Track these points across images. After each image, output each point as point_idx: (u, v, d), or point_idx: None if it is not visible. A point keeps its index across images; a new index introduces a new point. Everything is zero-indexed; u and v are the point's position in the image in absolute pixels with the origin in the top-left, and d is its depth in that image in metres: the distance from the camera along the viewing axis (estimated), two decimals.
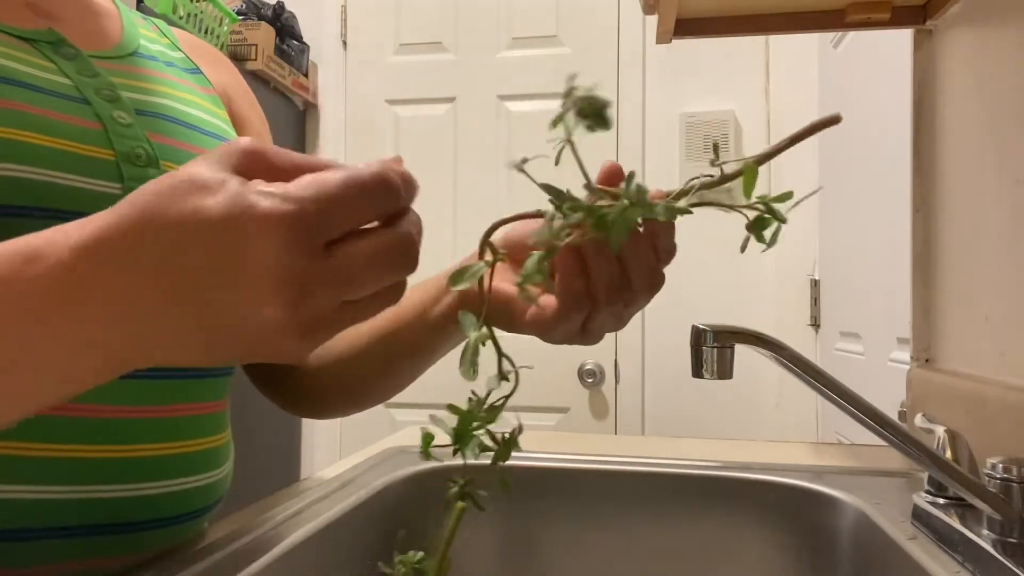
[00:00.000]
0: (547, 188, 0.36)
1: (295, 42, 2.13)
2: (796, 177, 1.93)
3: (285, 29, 2.08)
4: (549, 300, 0.48)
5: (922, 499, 0.58)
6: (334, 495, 0.67)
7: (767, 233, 0.36)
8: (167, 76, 0.61)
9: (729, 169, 0.39)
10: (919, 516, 0.58)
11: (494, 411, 0.35)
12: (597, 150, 2.12)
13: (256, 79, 1.93)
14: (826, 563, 0.68)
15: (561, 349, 2.05)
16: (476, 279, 0.37)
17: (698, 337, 0.51)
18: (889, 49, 1.24)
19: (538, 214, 0.38)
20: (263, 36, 1.94)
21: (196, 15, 1.72)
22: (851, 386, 0.50)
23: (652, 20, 0.85)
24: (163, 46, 0.64)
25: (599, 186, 0.39)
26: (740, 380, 1.79)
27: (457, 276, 0.37)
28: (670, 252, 0.46)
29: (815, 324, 1.88)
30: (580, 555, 0.76)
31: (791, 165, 1.94)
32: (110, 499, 0.49)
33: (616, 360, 2.06)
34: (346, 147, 2.27)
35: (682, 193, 0.40)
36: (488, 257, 0.38)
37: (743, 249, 0.37)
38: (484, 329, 0.36)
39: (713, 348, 0.50)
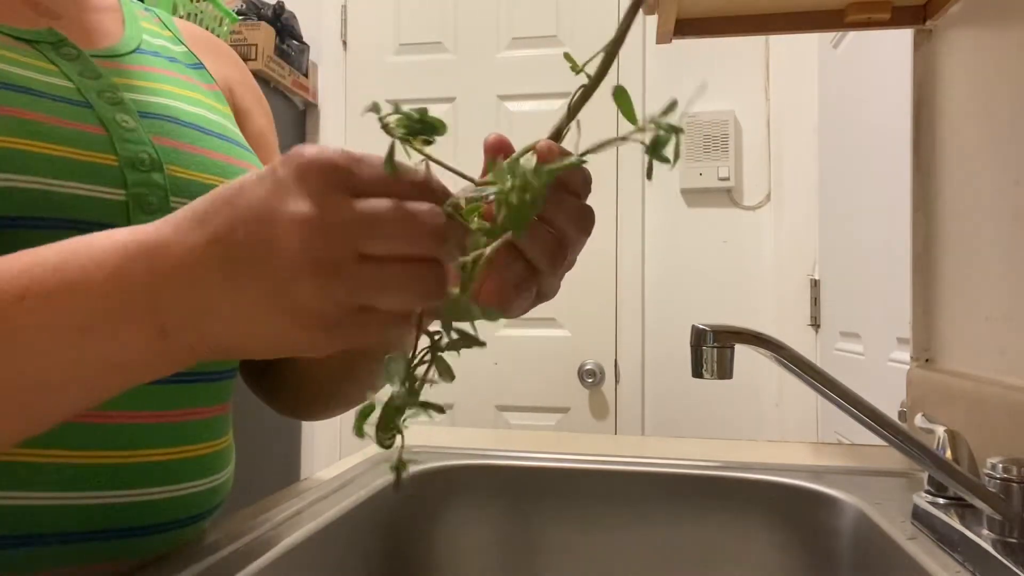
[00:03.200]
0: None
1: (295, 42, 2.13)
2: (796, 177, 1.93)
3: (285, 29, 2.08)
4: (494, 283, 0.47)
5: (922, 499, 0.58)
6: (334, 495, 0.67)
7: (668, 151, 0.36)
8: (170, 73, 0.60)
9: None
10: (919, 516, 0.58)
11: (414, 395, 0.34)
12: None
13: (256, 79, 1.93)
14: (826, 563, 0.68)
15: (561, 350, 2.06)
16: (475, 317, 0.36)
17: (698, 337, 0.51)
18: (889, 49, 1.24)
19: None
20: (263, 36, 1.94)
21: (196, 15, 1.72)
22: (851, 386, 0.50)
23: (652, 20, 0.85)
24: (165, 40, 0.63)
25: (481, 181, 0.39)
26: (740, 380, 1.79)
27: (449, 310, 0.35)
28: (587, 182, 0.43)
29: (815, 324, 1.88)
30: (580, 555, 0.76)
31: (791, 165, 1.94)
32: (113, 504, 0.49)
33: (616, 360, 2.06)
34: (346, 147, 2.27)
35: (557, 132, 0.41)
36: None
37: (649, 175, 0.37)
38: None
39: (713, 348, 0.50)
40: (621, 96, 0.39)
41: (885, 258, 1.27)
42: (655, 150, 0.36)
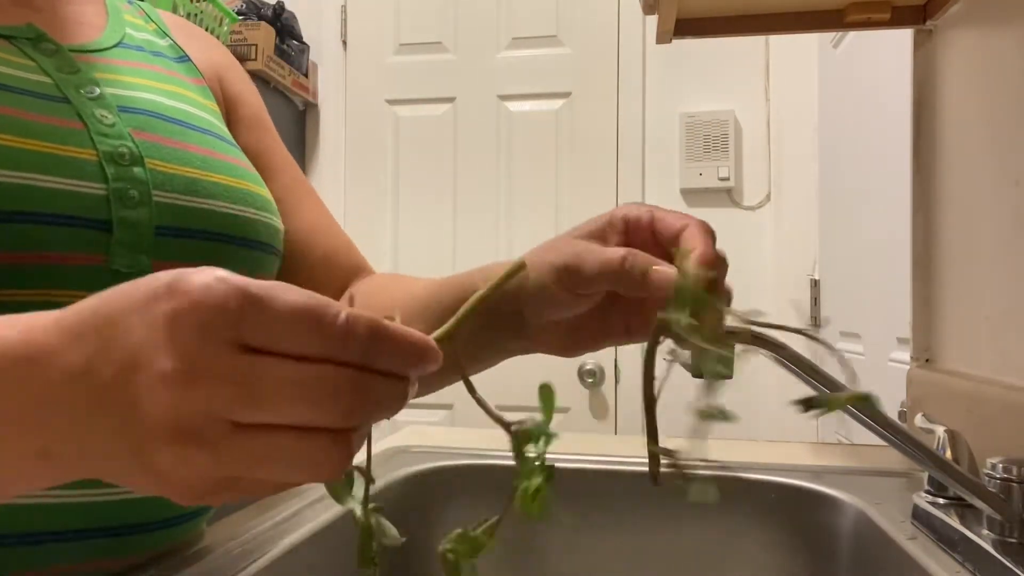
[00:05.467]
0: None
1: (295, 42, 2.13)
2: (796, 177, 1.93)
3: (285, 29, 2.08)
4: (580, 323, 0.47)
5: (922, 499, 0.58)
6: None
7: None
8: (153, 68, 0.59)
9: None
10: (919, 516, 0.58)
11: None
12: (597, 151, 2.13)
13: (256, 79, 1.93)
14: (826, 563, 0.68)
15: None
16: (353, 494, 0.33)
17: None
18: (889, 49, 1.24)
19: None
20: (263, 36, 1.94)
21: (196, 15, 1.72)
22: (851, 386, 0.50)
23: (652, 20, 0.85)
24: (150, 33, 0.63)
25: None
26: (740, 380, 1.79)
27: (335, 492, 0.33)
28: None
29: (815, 324, 1.88)
30: (580, 555, 0.76)
31: (791, 165, 1.94)
32: (109, 502, 0.49)
33: (616, 360, 2.06)
34: (346, 147, 2.27)
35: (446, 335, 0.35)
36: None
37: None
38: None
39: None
40: (545, 395, 0.36)
41: (885, 258, 1.27)
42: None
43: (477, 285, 0.36)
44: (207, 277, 0.28)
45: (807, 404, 0.34)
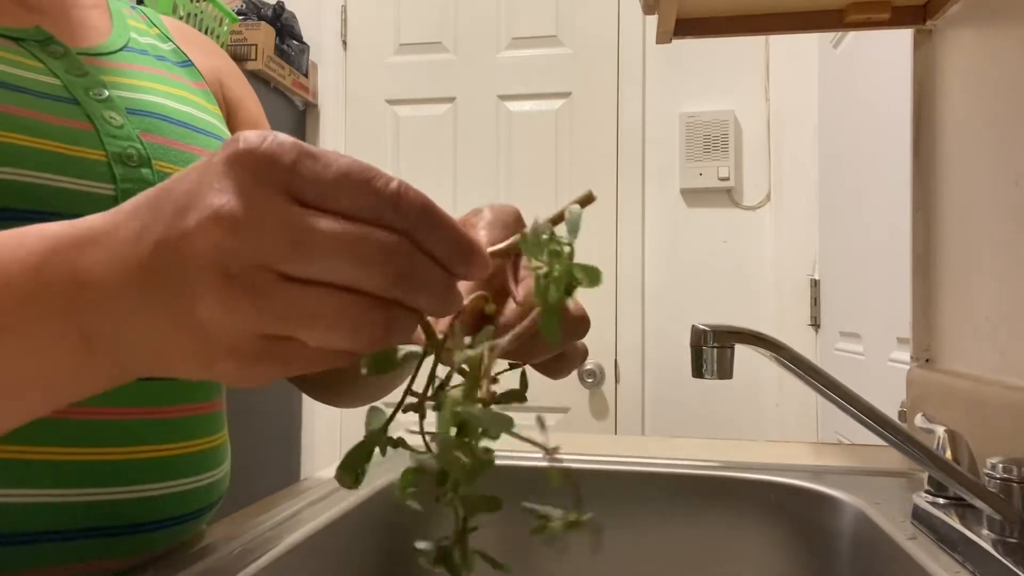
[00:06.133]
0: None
1: (295, 42, 2.13)
2: (796, 177, 1.93)
3: (285, 29, 2.08)
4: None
5: (922, 499, 0.58)
6: (334, 495, 0.67)
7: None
8: (158, 71, 0.60)
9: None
10: (919, 516, 0.58)
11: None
12: (597, 151, 2.13)
13: (256, 79, 1.93)
14: (826, 563, 0.68)
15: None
16: (401, 367, 0.31)
17: (698, 337, 0.51)
18: (889, 49, 1.24)
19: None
20: (263, 36, 1.94)
21: (196, 15, 1.72)
22: (851, 386, 0.50)
23: (652, 20, 0.85)
24: (153, 38, 0.63)
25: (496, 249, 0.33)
26: (740, 380, 1.79)
27: (373, 361, 0.30)
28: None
29: (815, 324, 1.88)
30: (580, 555, 0.76)
31: (791, 165, 1.94)
32: (109, 501, 0.49)
33: (616, 360, 2.06)
34: (346, 147, 2.27)
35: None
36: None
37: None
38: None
39: (713, 348, 0.50)
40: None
41: (885, 258, 1.27)
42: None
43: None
44: (264, 132, 0.28)
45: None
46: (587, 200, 0.32)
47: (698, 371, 0.51)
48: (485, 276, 0.30)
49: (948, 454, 0.55)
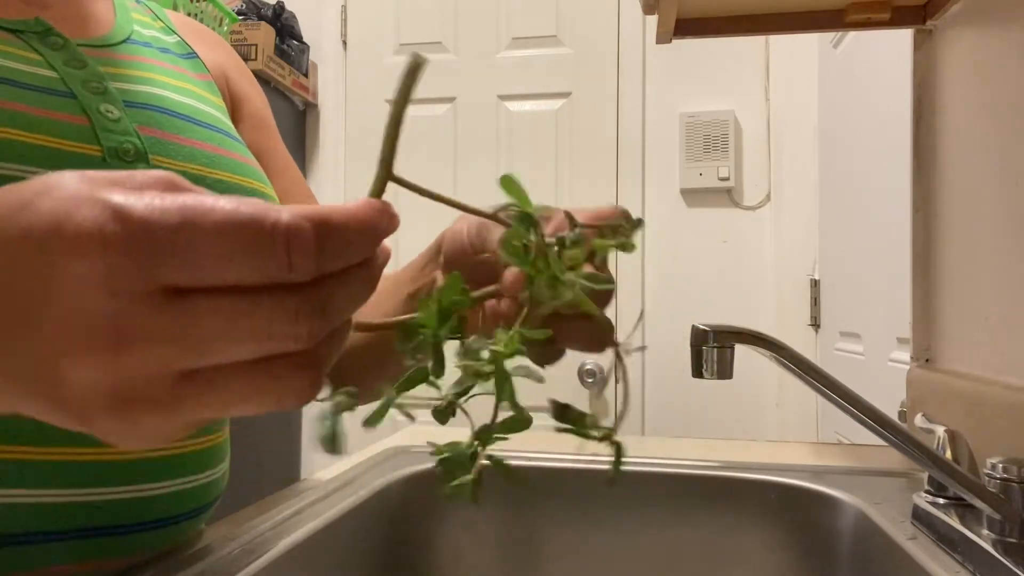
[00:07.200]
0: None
1: (295, 42, 2.13)
2: (796, 177, 1.93)
3: (285, 29, 2.08)
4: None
5: (922, 499, 0.58)
6: (334, 495, 0.67)
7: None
8: (161, 63, 0.59)
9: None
10: (919, 516, 0.58)
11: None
12: (597, 151, 2.13)
13: (256, 79, 1.93)
14: (826, 563, 0.68)
15: None
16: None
17: (698, 337, 0.51)
18: (889, 49, 1.24)
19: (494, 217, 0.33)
20: (263, 36, 1.94)
21: (196, 15, 1.72)
22: (851, 386, 0.50)
23: (652, 20, 0.85)
24: (157, 31, 0.63)
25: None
26: (740, 380, 1.80)
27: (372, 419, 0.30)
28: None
29: (815, 324, 1.88)
30: (579, 555, 0.76)
31: (791, 165, 1.94)
32: (107, 501, 0.49)
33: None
34: (346, 147, 2.27)
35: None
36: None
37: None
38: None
39: (713, 348, 0.50)
40: (509, 186, 0.33)
41: (885, 258, 1.27)
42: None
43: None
44: (97, 217, 0.23)
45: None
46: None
47: (698, 371, 0.51)
48: (397, 225, 0.28)
49: (948, 454, 0.55)
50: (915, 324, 0.86)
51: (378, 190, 0.30)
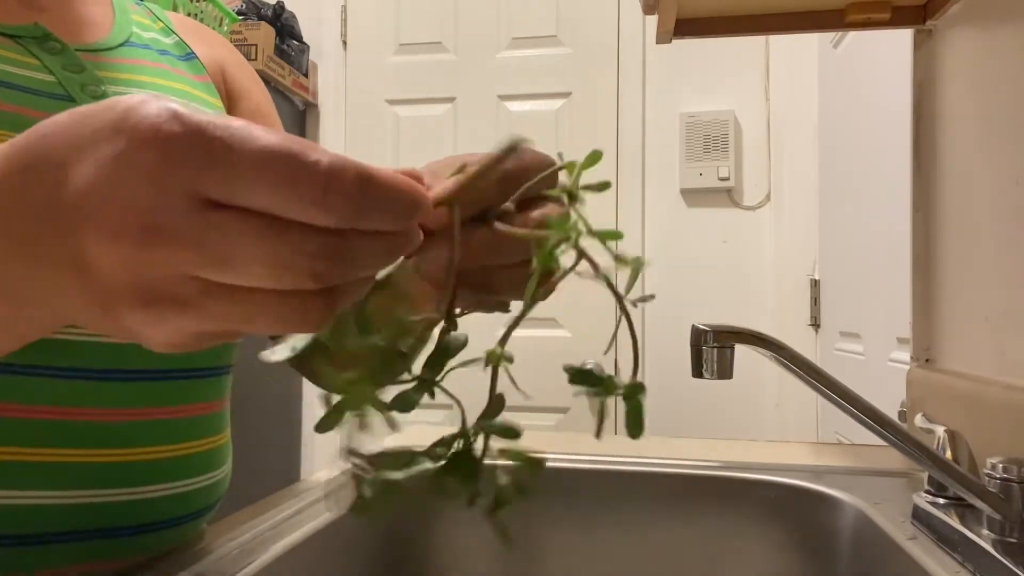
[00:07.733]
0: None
1: (295, 42, 2.13)
2: (796, 177, 1.93)
3: (285, 29, 2.08)
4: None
5: (922, 499, 0.58)
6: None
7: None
8: (159, 66, 0.59)
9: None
10: (919, 516, 0.58)
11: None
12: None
13: None
14: (826, 563, 0.68)
15: (561, 350, 2.06)
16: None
17: (698, 337, 0.51)
18: (889, 49, 1.24)
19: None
20: (263, 36, 1.94)
21: (196, 15, 1.72)
22: (851, 386, 0.50)
23: (652, 20, 0.84)
24: (156, 32, 0.63)
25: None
26: (740, 380, 1.80)
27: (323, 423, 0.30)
28: None
29: (815, 324, 1.88)
30: (580, 555, 0.76)
31: (791, 165, 1.94)
32: (110, 503, 0.49)
33: (616, 360, 2.06)
34: (346, 147, 2.27)
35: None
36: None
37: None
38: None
39: (713, 348, 0.50)
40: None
41: (885, 258, 1.27)
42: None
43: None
44: (159, 112, 0.24)
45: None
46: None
47: (698, 371, 0.51)
48: (428, 215, 0.28)
49: (948, 454, 0.55)
50: (915, 324, 0.86)
51: None
